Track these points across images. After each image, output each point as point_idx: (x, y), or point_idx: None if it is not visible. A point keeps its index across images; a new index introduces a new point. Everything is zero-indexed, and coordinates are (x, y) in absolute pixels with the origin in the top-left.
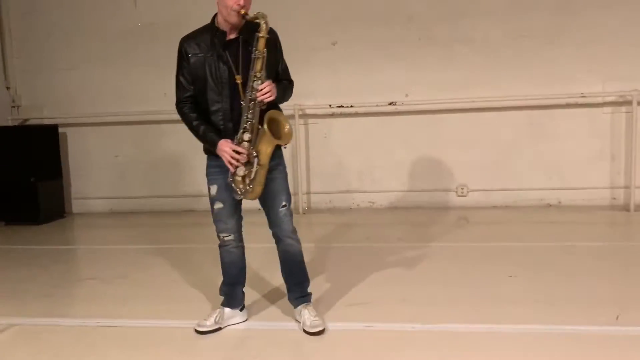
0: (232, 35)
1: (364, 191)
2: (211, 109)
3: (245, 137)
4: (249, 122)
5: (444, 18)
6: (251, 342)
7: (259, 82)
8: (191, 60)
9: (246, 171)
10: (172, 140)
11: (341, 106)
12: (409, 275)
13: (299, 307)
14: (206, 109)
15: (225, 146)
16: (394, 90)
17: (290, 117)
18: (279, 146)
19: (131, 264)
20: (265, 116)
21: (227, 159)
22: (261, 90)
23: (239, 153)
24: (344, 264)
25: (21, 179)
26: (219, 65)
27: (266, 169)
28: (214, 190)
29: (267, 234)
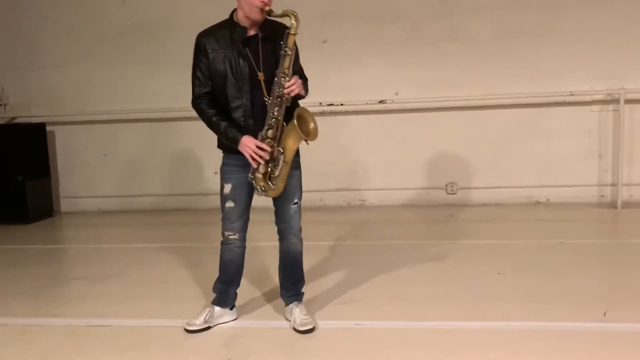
0: (252, 32)
1: (355, 189)
2: (231, 105)
3: (270, 133)
4: (274, 119)
5: (433, 16)
6: (242, 341)
7: (287, 79)
8: (210, 55)
9: (268, 168)
10: (162, 138)
11: (331, 104)
12: (399, 273)
13: (290, 305)
14: (226, 105)
15: (250, 142)
16: (384, 88)
17: None
18: None
19: (120, 263)
20: (295, 112)
21: (251, 155)
22: (289, 87)
23: (262, 150)
24: (335, 262)
25: (9, 177)
26: (239, 61)
27: (289, 165)
28: (227, 188)
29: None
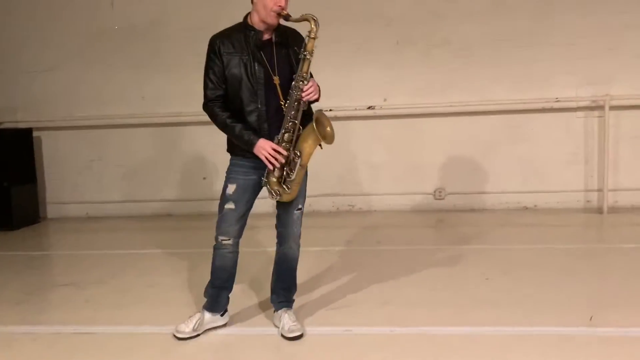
0: (267, 36)
1: (344, 194)
2: (246, 109)
3: (286, 137)
4: (291, 123)
5: (422, 21)
6: (231, 347)
7: (305, 82)
8: (225, 59)
9: (283, 172)
10: (149, 143)
11: (320, 110)
12: (388, 279)
13: (279, 310)
14: (240, 109)
15: (266, 145)
16: (372, 94)
17: None
18: None
19: (107, 269)
20: (314, 115)
21: (268, 158)
22: (307, 90)
23: (279, 153)
24: (324, 268)
25: None
26: (254, 65)
27: (305, 169)
28: (231, 189)
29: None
